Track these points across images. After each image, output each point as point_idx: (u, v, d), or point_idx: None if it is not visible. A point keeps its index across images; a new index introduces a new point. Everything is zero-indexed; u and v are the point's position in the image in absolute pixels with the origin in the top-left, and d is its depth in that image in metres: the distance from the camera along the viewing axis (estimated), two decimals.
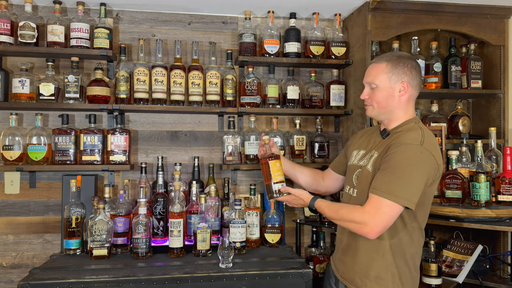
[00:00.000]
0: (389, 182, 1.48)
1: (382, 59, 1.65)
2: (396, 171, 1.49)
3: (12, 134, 2.26)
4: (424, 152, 1.50)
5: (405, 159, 1.50)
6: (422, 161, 1.50)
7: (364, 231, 1.51)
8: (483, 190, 2.08)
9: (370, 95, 1.67)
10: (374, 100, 1.65)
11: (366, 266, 1.61)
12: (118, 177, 2.53)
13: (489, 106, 2.67)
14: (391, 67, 1.61)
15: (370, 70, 1.67)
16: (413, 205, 1.48)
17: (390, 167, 1.51)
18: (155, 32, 2.62)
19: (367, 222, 1.49)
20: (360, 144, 1.80)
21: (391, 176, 1.49)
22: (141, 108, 2.41)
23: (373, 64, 1.67)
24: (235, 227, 2.15)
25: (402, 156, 1.50)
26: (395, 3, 2.37)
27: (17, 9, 2.42)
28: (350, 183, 1.74)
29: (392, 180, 1.48)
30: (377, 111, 1.66)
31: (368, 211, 1.50)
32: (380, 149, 1.62)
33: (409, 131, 1.58)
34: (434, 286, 2.15)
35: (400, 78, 1.61)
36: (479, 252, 2.28)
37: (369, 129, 1.89)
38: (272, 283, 1.89)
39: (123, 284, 1.82)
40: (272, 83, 2.54)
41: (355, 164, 1.75)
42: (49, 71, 2.33)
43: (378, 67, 1.64)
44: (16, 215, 2.45)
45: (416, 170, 1.49)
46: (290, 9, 2.58)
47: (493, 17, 2.52)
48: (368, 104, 1.69)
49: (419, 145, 1.51)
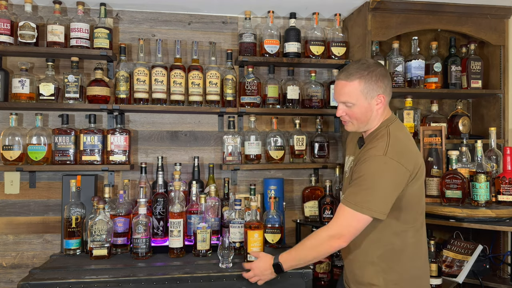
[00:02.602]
0: (354, 194, 1.53)
1: (352, 76, 1.60)
2: (362, 183, 1.53)
3: (12, 134, 2.26)
4: (388, 162, 1.52)
5: (369, 172, 1.53)
6: (387, 171, 1.52)
7: (336, 244, 1.56)
8: (483, 190, 2.08)
9: (347, 112, 1.65)
10: (352, 118, 1.64)
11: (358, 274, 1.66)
12: (118, 177, 2.53)
13: (489, 106, 2.66)
14: (365, 84, 1.59)
15: (342, 89, 1.62)
16: (382, 215, 1.51)
17: (357, 178, 1.55)
18: (155, 32, 2.62)
19: (337, 232, 1.55)
20: (349, 150, 1.86)
21: (357, 188, 1.54)
22: (141, 108, 2.41)
23: (344, 82, 1.61)
24: (235, 227, 2.14)
25: (366, 169, 1.54)
26: (395, 3, 2.37)
27: (17, 9, 2.42)
28: (345, 188, 1.78)
29: (357, 192, 1.53)
30: (357, 126, 1.67)
31: (336, 222, 1.56)
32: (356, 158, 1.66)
33: (377, 140, 1.60)
34: (434, 286, 2.15)
35: (376, 92, 1.61)
36: (479, 252, 2.28)
37: (354, 133, 1.88)
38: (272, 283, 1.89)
39: (123, 284, 1.82)
40: (272, 83, 2.54)
41: (346, 170, 1.81)
42: (49, 71, 2.33)
43: (351, 86, 1.60)
44: (16, 215, 2.45)
45: (381, 180, 1.52)
46: (290, 9, 2.58)
47: (493, 17, 2.52)
48: (346, 121, 1.68)
49: (382, 156, 1.52)
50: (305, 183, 2.72)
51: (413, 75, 2.51)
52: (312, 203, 2.55)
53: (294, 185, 2.74)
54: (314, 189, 2.58)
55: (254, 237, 1.92)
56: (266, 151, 2.56)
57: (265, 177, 2.67)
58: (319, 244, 1.59)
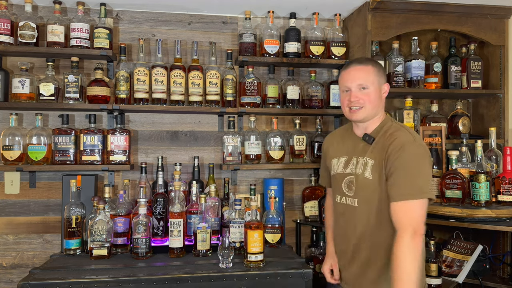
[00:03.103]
0: (405, 185, 1.54)
1: (366, 62, 1.70)
2: (407, 171, 1.55)
3: (12, 134, 2.26)
4: (421, 147, 1.59)
5: (410, 159, 1.56)
6: (423, 155, 1.58)
7: (419, 240, 1.51)
8: (483, 190, 2.08)
9: (362, 97, 1.67)
10: (367, 101, 1.66)
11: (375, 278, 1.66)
12: (118, 177, 2.53)
13: (489, 106, 2.67)
14: (377, 70, 1.69)
15: (358, 73, 1.67)
16: (433, 195, 1.58)
17: (399, 169, 1.55)
18: (155, 32, 2.62)
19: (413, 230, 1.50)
20: (337, 152, 1.82)
21: (404, 178, 1.54)
22: (141, 108, 2.41)
23: (359, 66, 1.68)
24: (235, 227, 2.14)
25: (406, 157, 1.56)
26: (395, 3, 2.37)
27: (17, 9, 2.42)
28: (341, 191, 1.76)
29: (407, 182, 1.54)
30: (368, 112, 1.68)
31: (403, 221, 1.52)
32: (375, 155, 1.65)
33: (396, 132, 1.64)
34: (434, 286, 2.15)
35: (383, 80, 1.72)
36: (479, 252, 2.28)
37: (336, 134, 1.92)
38: (272, 283, 1.89)
39: (123, 284, 1.82)
40: (272, 83, 2.54)
41: (340, 172, 1.77)
42: (49, 71, 2.33)
43: (367, 70, 1.67)
44: (16, 215, 2.45)
45: (422, 163, 1.57)
46: (290, 9, 2.58)
47: (493, 17, 2.52)
48: (358, 107, 1.67)
49: (414, 142, 1.59)
50: (305, 183, 2.72)
51: (413, 75, 2.51)
52: (312, 203, 2.55)
53: (294, 185, 2.74)
54: (314, 189, 2.58)
55: (254, 237, 1.92)
56: (266, 151, 2.56)
57: (265, 177, 2.67)
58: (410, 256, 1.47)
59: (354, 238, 1.70)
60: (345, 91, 1.72)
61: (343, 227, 1.77)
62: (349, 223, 1.72)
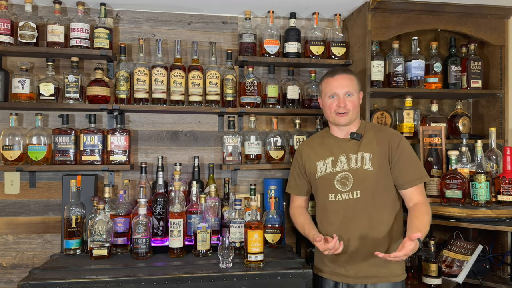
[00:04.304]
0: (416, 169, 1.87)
1: (349, 72, 1.93)
2: (411, 159, 1.87)
3: (12, 134, 2.26)
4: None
5: (408, 148, 1.89)
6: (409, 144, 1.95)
7: (429, 205, 1.87)
8: (483, 190, 2.09)
9: (347, 103, 1.87)
10: (351, 107, 1.88)
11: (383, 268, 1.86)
12: (118, 177, 2.53)
13: (489, 106, 2.67)
14: (357, 80, 1.95)
15: (345, 81, 1.88)
16: None
17: (407, 157, 1.87)
18: (155, 32, 2.62)
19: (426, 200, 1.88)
20: (321, 155, 1.96)
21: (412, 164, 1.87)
22: (141, 108, 2.41)
23: (346, 75, 1.90)
24: (235, 227, 2.15)
25: (405, 146, 1.88)
26: (395, 3, 2.37)
27: (17, 9, 2.42)
28: (333, 190, 1.88)
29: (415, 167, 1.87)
30: (351, 117, 1.90)
31: (423, 194, 1.88)
32: (371, 148, 1.87)
33: (382, 127, 2.01)
34: (434, 286, 2.15)
35: (359, 88, 1.96)
36: (479, 252, 2.28)
37: (313, 140, 2.07)
38: (272, 283, 1.89)
39: (123, 284, 1.82)
40: (272, 83, 2.54)
41: (329, 172, 1.91)
42: (49, 71, 2.33)
43: (352, 78, 1.91)
44: (16, 215, 2.45)
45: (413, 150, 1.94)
46: (290, 9, 2.58)
47: (493, 17, 2.52)
48: (344, 112, 1.87)
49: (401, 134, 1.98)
50: None
51: (413, 75, 2.51)
52: (312, 203, 2.55)
53: None
54: None
55: (254, 237, 1.92)
56: (266, 151, 2.56)
57: (265, 177, 2.67)
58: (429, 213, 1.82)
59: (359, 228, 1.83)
60: (331, 96, 1.90)
61: (340, 223, 1.86)
62: (353, 215, 1.84)
